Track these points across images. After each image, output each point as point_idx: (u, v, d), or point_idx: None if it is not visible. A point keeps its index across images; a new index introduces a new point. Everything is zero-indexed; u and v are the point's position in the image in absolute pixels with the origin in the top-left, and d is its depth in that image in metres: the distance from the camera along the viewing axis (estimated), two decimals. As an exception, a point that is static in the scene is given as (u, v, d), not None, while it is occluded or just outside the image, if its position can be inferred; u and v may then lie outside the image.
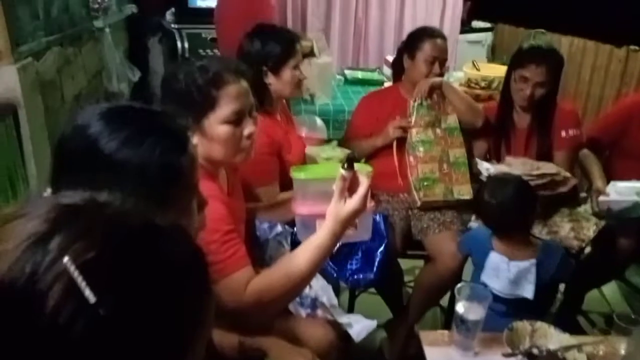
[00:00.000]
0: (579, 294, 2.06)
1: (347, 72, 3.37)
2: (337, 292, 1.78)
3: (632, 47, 3.06)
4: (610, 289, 2.46)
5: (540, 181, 1.74)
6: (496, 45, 4.31)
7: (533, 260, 1.45)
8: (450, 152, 2.00)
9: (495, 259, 1.49)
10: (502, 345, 1.29)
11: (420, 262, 2.02)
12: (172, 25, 3.51)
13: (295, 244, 1.53)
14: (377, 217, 1.77)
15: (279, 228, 1.47)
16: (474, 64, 3.35)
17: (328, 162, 1.76)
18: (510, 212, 1.47)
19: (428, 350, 1.32)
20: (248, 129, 1.22)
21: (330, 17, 3.67)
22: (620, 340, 1.35)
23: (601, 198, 1.90)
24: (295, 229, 1.35)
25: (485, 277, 1.51)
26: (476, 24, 4.39)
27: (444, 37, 2.05)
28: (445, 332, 1.39)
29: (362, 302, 2.09)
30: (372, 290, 2.04)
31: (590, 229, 1.73)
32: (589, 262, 1.93)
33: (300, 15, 3.62)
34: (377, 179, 2.05)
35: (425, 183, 1.96)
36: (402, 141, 2.02)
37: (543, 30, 3.75)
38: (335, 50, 3.62)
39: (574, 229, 1.74)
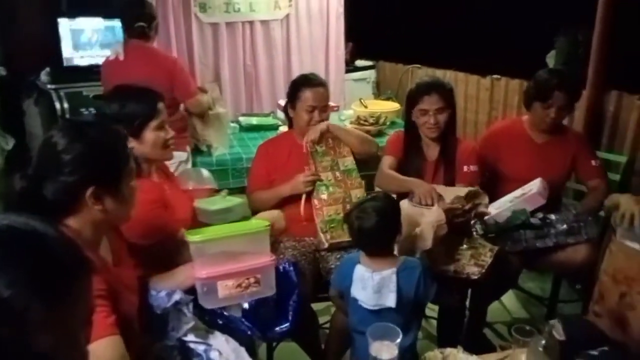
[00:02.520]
0: (481, 308, 2.19)
1: (241, 119, 3.38)
2: (253, 346, 1.74)
3: (494, 76, 3.43)
4: (509, 298, 2.66)
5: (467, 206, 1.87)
6: (380, 81, 4.60)
7: (394, 269, 1.55)
8: (352, 193, 2.07)
9: (360, 270, 1.57)
10: (417, 379, 1.32)
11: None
12: (48, 86, 3.31)
13: (200, 308, 1.48)
14: (286, 266, 1.76)
15: (178, 295, 1.39)
16: (361, 101, 3.54)
17: (223, 221, 1.69)
18: (373, 235, 1.57)
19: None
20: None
21: (219, 67, 3.69)
22: (520, 352, 1.46)
23: (486, 218, 2.10)
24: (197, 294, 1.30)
25: (354, 290, 1.58)
26: (359, 62, 4.67)
27: (321, 84, 2.12)
28: (364, 374, 1.40)
29: (280, 352, 2.04)
30: (289, 338, 2.00)
31: (487, 255, 1.87)
32: (486, 280, 2.07)
33: (188, 66, 3.59)
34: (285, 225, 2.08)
35: (332, 225, 2.00)
36: None
37: (419, 65, 4.09)
38: (228, 99, 3.63)
39: (473, 256, 1.87)
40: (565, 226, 2.09)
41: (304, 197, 2.05)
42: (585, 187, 2.36)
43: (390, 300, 1.55)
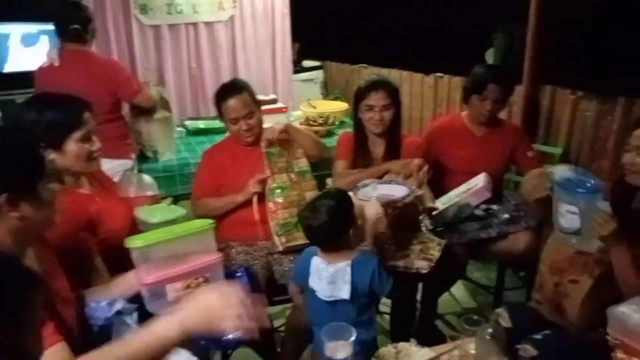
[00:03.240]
0: (432, 301, 2.25)
1: (188, 123, 3.31)
2: (207, 356, 1.70)
3: (437, 74, 3.53)
4: (458, 289, 2.75)
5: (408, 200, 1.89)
6: (327, 81, 4.63)
7: (348, 261, 1.57)
8: (307, 195, 2.07)
9: (316, 261, 1.60)
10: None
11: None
12: (-21, 94, 3.12)
13: (145, 317, 1.43)
14: (239, 272, 1.74)
15: (120, 304, 1.33)
16: (309, 102, 3.55)
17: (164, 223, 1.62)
18: (324, 233, 1.59)
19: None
20: None
21: (163, 69, 3.59)
22: (469, 341, 1.51)
23: (434, 213, 2.16)
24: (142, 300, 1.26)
25: (311, 281, 1.61)
26: (307, 63, 4.68)
27: (239, 91, 2.10)
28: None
29: (235, 358, 2.02)
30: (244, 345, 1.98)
31: (435, 249, 1.92)
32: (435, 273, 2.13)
33: (130, 70, 3.48)
34: (235, 229, 2.06)
35: (287, 228, 1.99)
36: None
37: (365, 65, 4.15)
38: (174, 103, 3.54)
39: (422, 251, 1.91)
40: (506, 215, 2.19)
41: (255, 200, 2.03)
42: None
43: (344, 292, 1.57)
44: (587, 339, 1.59)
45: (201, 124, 3.25)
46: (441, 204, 2.27)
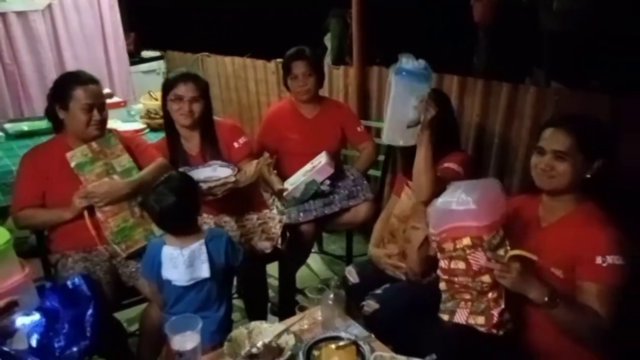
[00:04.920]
0: (288, 277, 2.34)
1: (7, 126, 2.95)
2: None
3: (278, 60, 3.61)
4: (315, 262, 2.90)
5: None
6: (170, 71, 4.44)
7: (202, 240, 1.61)
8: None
9: (168, 250, 1.60)
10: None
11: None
12: None
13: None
14: (75, 281, 1.64)
15: None
16: (150, 94, 3.40)
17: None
18: (175, 213, 1.59)
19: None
20: None
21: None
22: (316, 309, 1.62)
23: (285, 194, 2.25)
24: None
25: (165, 272, 1.61)
26: (146, 53, 4.45)
27: (94, 81, 1.95)
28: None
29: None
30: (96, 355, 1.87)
31: (276, 226, 2.00)
32: (286, 250, 2.23)
33: None
34: (69, 239, 1.90)
35: (123, 234, 1.88)
36: None
37: (207, 54, 4.08)
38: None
39: (264, 231, 1.97)
40: (346, 191, 2.37)
41: (86, 213, 1.87)
42: (357, 152, 2.68)
43: (204, 271, 1.60)
44: (420, 283, 1.80)
45: (25, 126, 2.91)
46: (289, 184, 2.37)
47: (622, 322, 1.34)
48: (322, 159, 2.37)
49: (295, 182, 2.36)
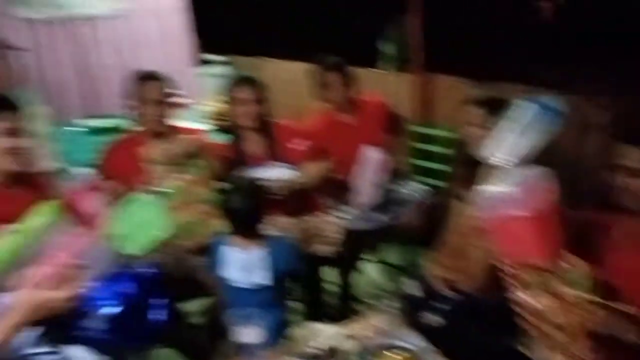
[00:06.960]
0: (346, 281, 2.36)
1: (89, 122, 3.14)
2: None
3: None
4: (373, 270, 2.87)
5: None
6: (234, 76, 4.58)
7: (264, 248, 1.66)
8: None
9: (227, 250, 1.67)
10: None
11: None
12: None
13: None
14: (150, 270, 1.72)
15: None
16: (218, 97, 3.53)
17: None
18: (250, 214, 1.68)
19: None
20: None
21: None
22: (376, 316, 1.63)
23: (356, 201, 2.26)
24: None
25: (223, 270, 1.68)
26: (213, 57, 4.61)
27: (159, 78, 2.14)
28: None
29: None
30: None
31: (337, 231, 2.03)
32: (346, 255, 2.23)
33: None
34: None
35: (188, 229, 1.90)
36: None
37: (269, 59, 4.19)
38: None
39: (320, 235, 2.01)
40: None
41: None
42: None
43: (264, 279, 1.64)
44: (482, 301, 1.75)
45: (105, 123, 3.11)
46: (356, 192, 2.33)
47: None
48: (368, 155, 2.28)
49: (360, 187, 2.30)
